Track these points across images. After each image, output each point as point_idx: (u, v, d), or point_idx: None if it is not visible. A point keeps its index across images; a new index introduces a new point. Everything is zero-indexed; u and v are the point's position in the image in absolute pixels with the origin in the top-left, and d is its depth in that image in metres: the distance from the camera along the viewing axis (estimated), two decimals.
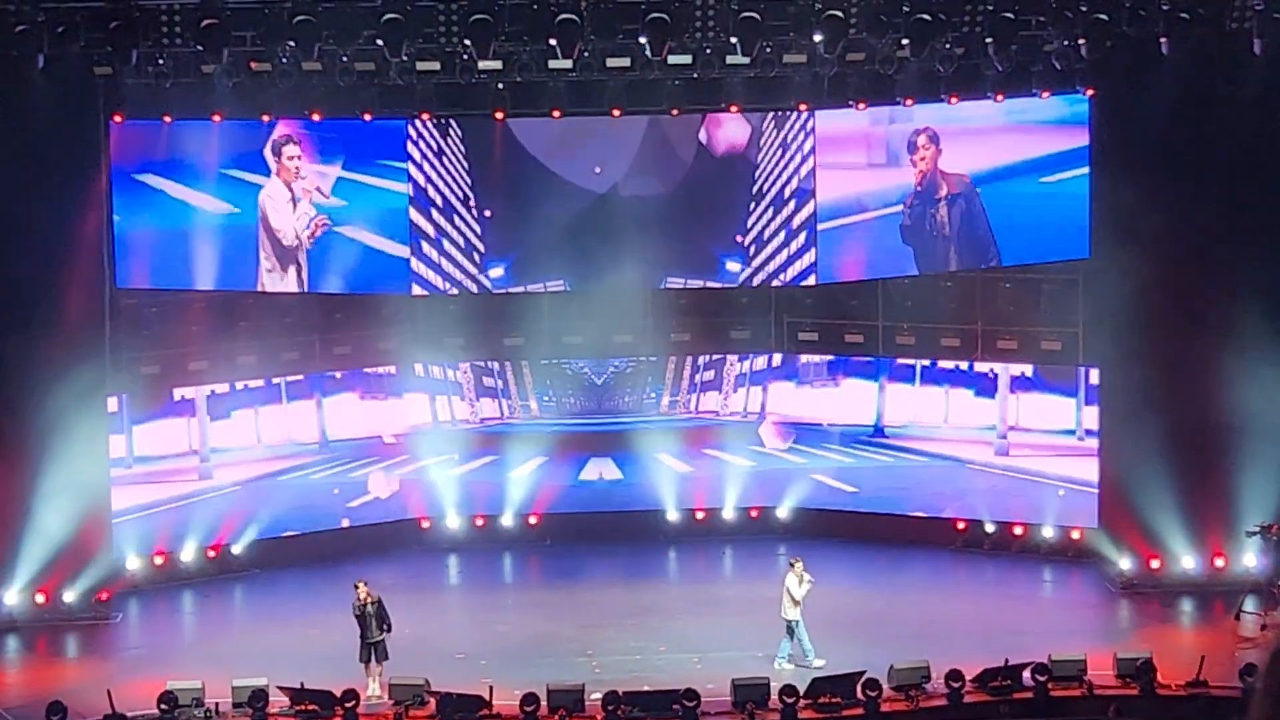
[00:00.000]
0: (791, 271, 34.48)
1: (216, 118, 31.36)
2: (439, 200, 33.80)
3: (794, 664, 27.82)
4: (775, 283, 34.77)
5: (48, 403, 30.96)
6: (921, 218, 33.49)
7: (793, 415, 36.17)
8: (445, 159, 33.61)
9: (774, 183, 34.31)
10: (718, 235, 34.81)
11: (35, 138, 30.44)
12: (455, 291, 34.47)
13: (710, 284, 34.88)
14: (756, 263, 34.63)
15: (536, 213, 34.05)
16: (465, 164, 33.81)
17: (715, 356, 36.41)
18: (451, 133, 33.59)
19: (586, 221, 34.18)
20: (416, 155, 33.37)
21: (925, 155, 33.22)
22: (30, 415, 30.95)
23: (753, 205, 34.45)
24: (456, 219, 34.02)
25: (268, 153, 32.67)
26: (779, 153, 34.11)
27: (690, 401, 36.66)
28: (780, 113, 33.66)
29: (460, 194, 33.91)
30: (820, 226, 33.98)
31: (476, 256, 34.27)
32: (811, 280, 34.40)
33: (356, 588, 27.61)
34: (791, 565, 28.28)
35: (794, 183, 34.14)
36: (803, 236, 34.21)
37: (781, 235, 34.35)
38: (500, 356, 35.85)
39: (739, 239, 34.62)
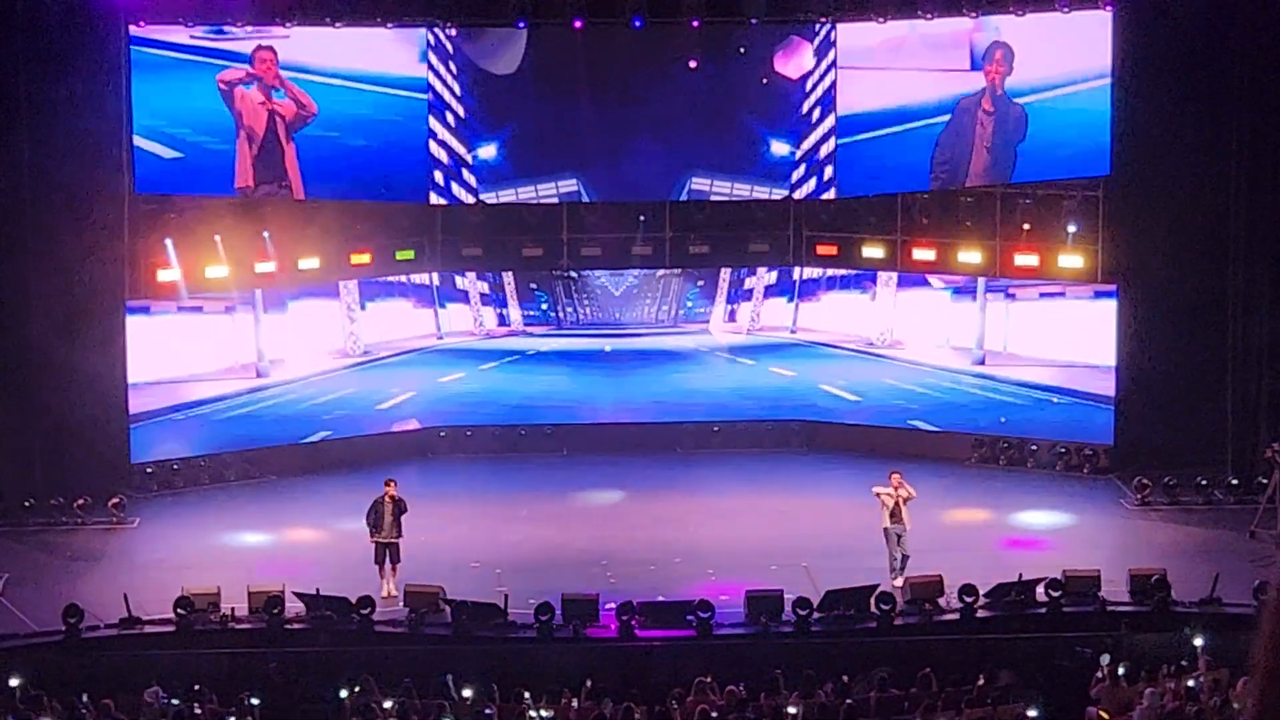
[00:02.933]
0: (810, 185, 34.31)
1: (236, 25, 31.26)
2: (457, 108, 33.62)
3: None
4: (797, 195, 34.59)
5: (66, 307, 31.05)
6: (966, 125, 33.03)
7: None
8: (463, 66, 33.42)
9: (806, 92, 34.02)
10: (750, 134, 34.40)
11: (54, 41, 30.41)
12: (473, 201, 34.34)
13: (739, 186, 34.43)
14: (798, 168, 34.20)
15: (557, 118, 33.83)
16: (485, 70, 33.59)
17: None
18: (470, 40, 33.36)
19: (606, 124, 33.94)
20: (435, 63, 33.19)
21: (998, 69, 32.69)
22: (49, 320, 31.02)
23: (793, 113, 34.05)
24: (476, 126, 33.82)
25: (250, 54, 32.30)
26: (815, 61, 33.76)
27: (760, 314, 36.57)
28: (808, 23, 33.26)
29: (480, 101, 33.69)
30: (842, 140, 33.74)
31: (495, 165, 34.08)
32: (831, 194, 34.24)
33: (387, 485, 27.74)
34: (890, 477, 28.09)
35: (817, 93, 33.88)
36: (824, 149, 34.00)
37: (804, 147, 34.13)
38: (518, 268, 35.83)
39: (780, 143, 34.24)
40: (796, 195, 34.46)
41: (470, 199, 34.23)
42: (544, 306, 36.41)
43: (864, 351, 36.10)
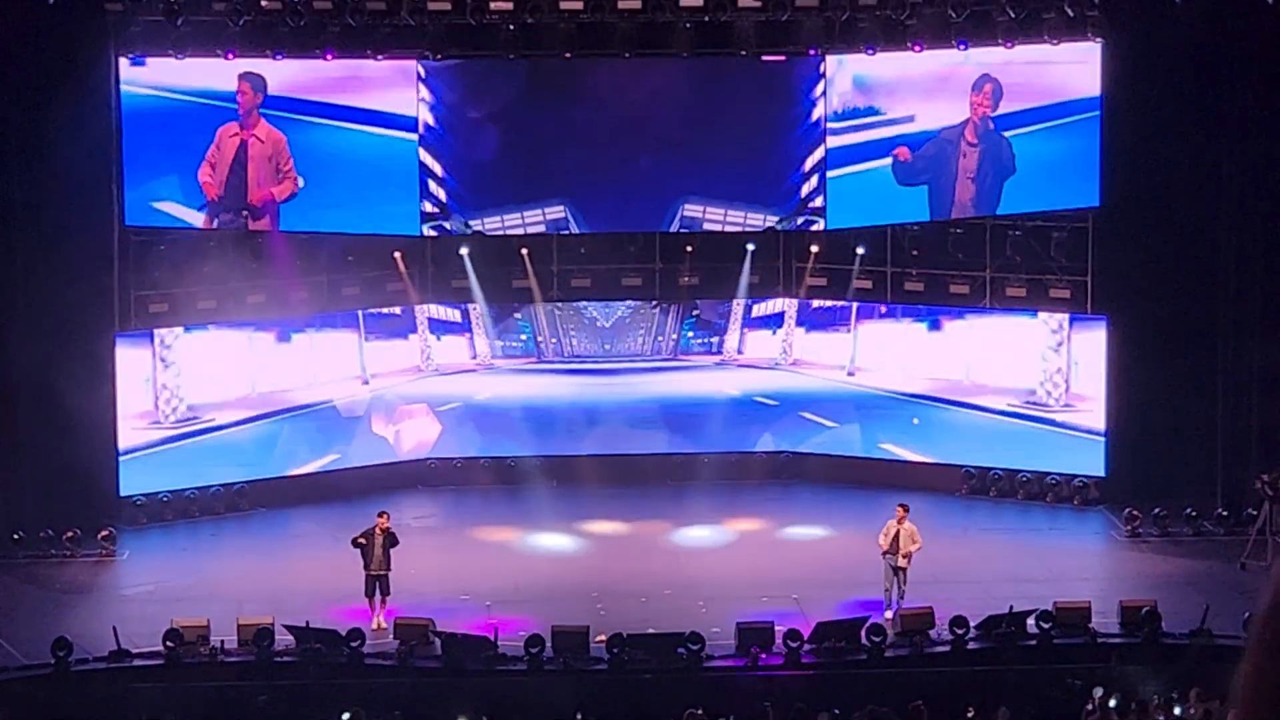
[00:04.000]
0: (812, 205, 34.22)
1: (228, 57, 31.29)
2: (449, 140, 33.58)
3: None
4: (784, 227, 34.53)
5: (56, 339, 30.98)
6: (949, 155, 33.03)
7: None
8: (454, 98, 33.39)
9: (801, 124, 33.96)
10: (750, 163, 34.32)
11: (45, 74, 30.41)
12: (468, 230, 34.20)
13: (733, 213, 34.18)
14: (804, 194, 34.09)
15: (544, 142, 33.79)
16: (476, 103, 33.54)
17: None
18: (461, 72, 33.36)
19: (594, 148, 33.88)
20: (426, 95, 33.20)
21: (984, 102, 32.67)
22: (38, 352, 30.96)
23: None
24: (466, 158, 33.76)
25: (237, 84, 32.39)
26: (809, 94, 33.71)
27: (794, 343, 35.87)
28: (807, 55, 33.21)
29: (472, 133, 33.63)
30: (830, 173, 33.75)
31: (481, 191, 33.99)
32: (820, 226, 34.22)
33: (380, 517, 27.67)
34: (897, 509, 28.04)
35: (813, 115, 33.80)
36: (813, 180, 33.99)
37: (793, 179, 34.08)
38: (508, 300, 35.64)
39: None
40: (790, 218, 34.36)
41: (458, 229, 34.13)
42: (524, 337, 36.01)
43: (1034, 416, 34.24)
